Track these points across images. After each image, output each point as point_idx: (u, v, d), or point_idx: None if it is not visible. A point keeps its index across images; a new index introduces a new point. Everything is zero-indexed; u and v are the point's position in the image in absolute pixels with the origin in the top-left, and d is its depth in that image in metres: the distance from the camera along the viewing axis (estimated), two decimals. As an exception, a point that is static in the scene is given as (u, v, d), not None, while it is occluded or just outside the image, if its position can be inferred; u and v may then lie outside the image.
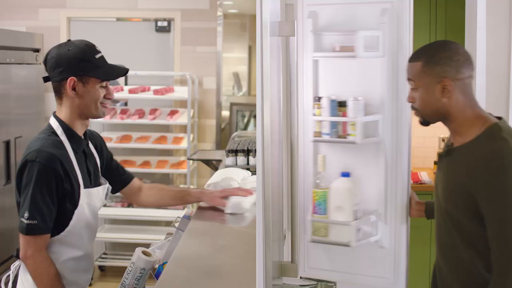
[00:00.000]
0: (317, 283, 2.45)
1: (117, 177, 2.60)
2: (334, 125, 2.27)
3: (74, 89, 2.28)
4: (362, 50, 2.18)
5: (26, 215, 2.20)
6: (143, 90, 5.35)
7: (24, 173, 2.22)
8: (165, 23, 5.64)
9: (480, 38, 2.74)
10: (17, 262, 2.36)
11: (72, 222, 2.27)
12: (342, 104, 2.25)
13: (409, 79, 2.00)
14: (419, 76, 1.95)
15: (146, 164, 5.38)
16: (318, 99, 2.28)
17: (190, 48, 5.60)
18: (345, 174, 2.27)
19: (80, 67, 2.27)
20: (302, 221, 2.41)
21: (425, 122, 2.02)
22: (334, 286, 2.46)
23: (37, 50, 5.16)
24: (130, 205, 5.49)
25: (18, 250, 2.31)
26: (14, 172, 4.54)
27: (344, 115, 2.26)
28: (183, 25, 5.58)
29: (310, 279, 2.47)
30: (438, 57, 1.92)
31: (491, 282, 1.84)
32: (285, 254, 2.47)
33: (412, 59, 1.99)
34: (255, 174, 2.09)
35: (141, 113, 5.39)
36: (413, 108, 2.03)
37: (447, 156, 1.98)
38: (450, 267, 2.00)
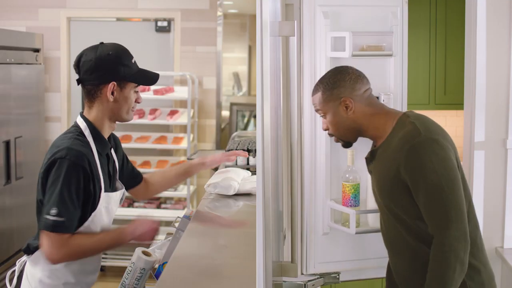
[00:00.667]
0: (322, 277, 2.51)
1: (130, 178, 2.64)
2: None
3: (112, 93, 2.28)
4: (391, 49, 2.41)
5: (53, 211, 2.13)
6: (143, 90, 5.35)
7: (52, 170, 2.17)
8: (165, 23, 5.64)
9: (480, 38, 2.74)
10: (23, 258, 2.35)
11: (86, 223, 2.25)
12: None
13: (316, 110, 2.21)
14: (323, 104, 2.16)
15: (146, 164, 5.38)
16: None
17: (190, 48, 5.60)
18: None
19: (120, 72, 2.28)
20: (311, 220, 2.45)
21: (346, 144, 2.21)
22: (338, 276, 2.51)
23: (37, 50, 5.16)
24: (130, 205, 5.49)
25: (28, 246, 2.29)
26: (14, 172, 4.54)
27: None
28: (183, 25, 5.58)
29: (312, 274, 2.50)
30: (332, 82, 2.13)
31: (433, 243, 1.92)
32: (285, 254, 2.48)
33: (313, 92, 2.20)
34: (255, 174, 2.09)
35: (141, 113, 5.39)
36: (330, 135, 2.23)
37: (372, 158, 2.15)
38: (402, 258, 2.09)
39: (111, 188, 2.39)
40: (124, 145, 5.24)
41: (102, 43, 2.35)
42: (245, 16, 8.67)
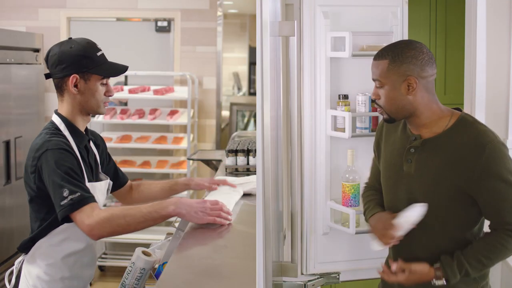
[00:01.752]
0: (322, 277, 2.51)
1: (114, 179, 2.62)
2: (370, 119, 2.45)
3: (76, 86, 2.32)
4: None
5: (65, 193, 2.14)
6: (143, 90, 5.35)
7: (42, 168, 2.20)
8: (165, 23, 5.64)
9: (480, 38, 2.74)
10: (20, 258, 2.37)
11: None
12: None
13: (374, 79, 2.06)
14: (385, 74, 2.01)
15: (146, 164, 5.38)
16: (343, 96, 2.39)
17: (190, 48, 5.60)
18: None
19: (82, 64, 2.31)
20: (311, 220, 2.45)
21: (390, 120, 2.08)
22: (338, 276, 2.51)
23: (37, 50, 5.16)
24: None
25: (21, 245, 2.32)
26: (14, 172, 4.54)
27: (375, 109, 2.41)
28: (183, 25, 5.58)
29: (312, 274, 2.50)
30: (404, 56, 1.99)
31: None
32: (285, 254, 2.48)
33: (378, 57, 2.04)
34: (255, 174, 2.09)
35: (141, 113, 5.39)
36: (377, 105, 2.09)
37: (422, 148, 2.04)
38: (430, 255, 2.04)
39: (95, 178, 2.41)
40: (124, 145, 5.29)
41: (70, 38, 2.41)
42: (245, 16, 8.67)
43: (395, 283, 2.12)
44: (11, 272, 2.39)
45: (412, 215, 2.00)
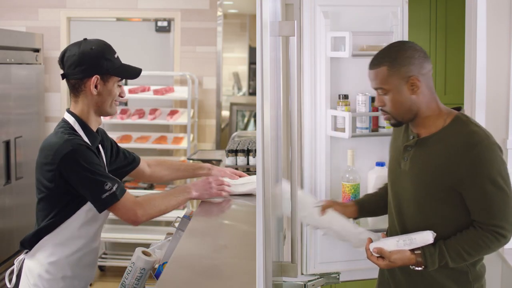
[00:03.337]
0: (322, 277, 2.52)
1: (126, 165, 2.66)
2: (370, 119, 2.46)
3: (95, 87, 2.33)
4: None
5: (107, 186, 2.23)
6: (143, 90, 5.35)
7: (67, 167, 2.23)
8: (165, 23, 5.64)
9: (480, 38, 2.74)
10: (20, 257, 2.37)
11: (85, 208, 2.30)
12: (374, 100, 2.42)
13: (375, 87, 2.05)
14: (387, 80, 2.02)
15: (146, 164, 5.38)
16: (343, 96, 2.39)
17: (190, 48, 5.60)
18: (380, 164, 2.37)
19: (103, 65, 2.33)
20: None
21: (398, 123, 2.09)
22: (338, 276, 2.51)
23: (37, 50, 5.16)
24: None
25: (24, 240, 2.32)
26: (14, 172, 4.54)
27: (375, 109, 2.43)
28: (183, 25, 5.58)
29: (312, 274, 2.51)
30: (401, 58, 2.00)
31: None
32: (285, 254, 2.48)
33: (374, 66, 2.04)
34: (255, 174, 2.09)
35: (141, 113, 5.39)
36: (383, 111, 2.09)
37: (416, 146, 2.06)
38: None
39: None
40: (124, 145, 5.28)
41: (85, 39, 2.41)
42: (245, 16, 8.67)
43: (386, 279, 2.15)
44: (11, 272, 2.39)
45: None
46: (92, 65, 2.32)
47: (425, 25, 4.50)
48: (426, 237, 1.98)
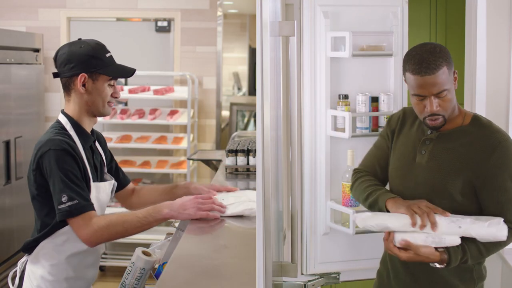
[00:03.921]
0: (322, 277, 2.51)
1: (116, 179, 2.61)
2: (370, 119, 2.46)
3: (84, 85, 2.34)
4: (392, 49, 2.42)
5: (64, 198, 2.19)
6: (143, 90, 5.35)
7: (43, 166, 2.23)
8: (165, 23, 5.64)
9: (480, 38, 2.74)
10: (23, 258, 2.37)
11: None
12: (374, 100, 2.45)
13: (439, 92, 1.97)
14: (447, 79, 1.98)
15: (146, 164, 5.38)
16: (343, 96, 2.39)
17: (190, 48, 5.60)
18: None
19: (91, 64, 2.33)
20: (311, 220, 2.45)
21: (444, 123, 2.04)
22: (338, 276, 2.51)
23: (37, 50, 5.16)
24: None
25: (24, 245, 2.32)
26: (14, 172, 4.54)
27: (375, 109, 2.44)
28: (183, 25, 5.58)
29: (312, 274, 2.50)
30: (449, 55, 2.01)
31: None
32: (285, 254, 2.48)
33: (432, 71, 1.94)
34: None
35: (141, 113, 5.39)
36: (436, 116, 2.00)
37: (437, 139, 2.07)
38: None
39: (99, 179, 2.42)
40: (124, 145, 5.29)
41: (80, 39, 2.42)
42: (245, 16, 8.67)
43: (386, 281, 2.15)
44: (14, 272, 2.39)
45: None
46: (80, 63, 2.32)
47: (425, 25, 4.50)
48: (455, 240, 1.98)
